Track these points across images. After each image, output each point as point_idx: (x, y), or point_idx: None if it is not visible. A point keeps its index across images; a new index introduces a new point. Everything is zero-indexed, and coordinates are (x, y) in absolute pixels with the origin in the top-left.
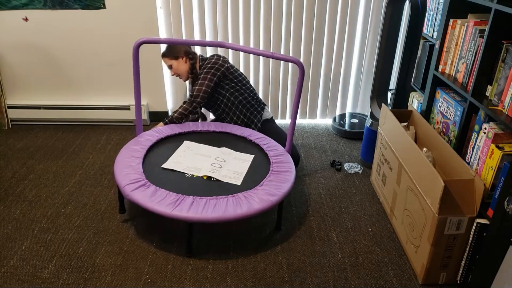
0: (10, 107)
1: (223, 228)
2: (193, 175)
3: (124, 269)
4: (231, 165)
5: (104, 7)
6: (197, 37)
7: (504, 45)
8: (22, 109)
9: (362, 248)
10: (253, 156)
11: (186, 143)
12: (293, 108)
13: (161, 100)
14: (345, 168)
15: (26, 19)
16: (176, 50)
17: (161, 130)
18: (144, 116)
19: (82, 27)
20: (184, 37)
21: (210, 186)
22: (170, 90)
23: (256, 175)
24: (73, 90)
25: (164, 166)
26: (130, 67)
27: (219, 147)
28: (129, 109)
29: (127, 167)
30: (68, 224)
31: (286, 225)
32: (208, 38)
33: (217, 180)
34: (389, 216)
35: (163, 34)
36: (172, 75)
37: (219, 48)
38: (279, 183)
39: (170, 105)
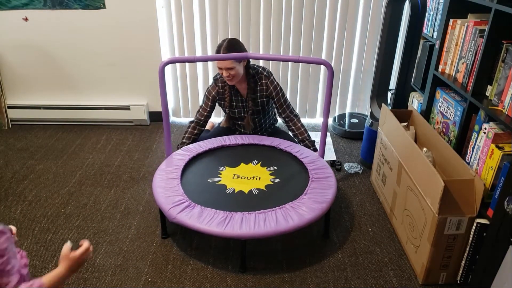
0: (10, 107)
1: None
2: (234, 190)
3: (124, 269)
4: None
5: (104, 7)
6: (197, 36)
7: (504, 45)
8: (22, 109)
9: (362, 248)
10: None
11: None
12: (324, 110)
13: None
14: (345, 168)
15: (26, 19)
16: (242, 50)
17: (191, 148)
18: (144, 116)
19: (82, 27)
20: (184, 37)
21: (252, 200)
22: (170, 90)
23: (297, 184)
24: (73, 90)
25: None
26: (129, 67)
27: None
28: (129, 109)
29: (167, 189)
30: (68, 224)
31: None
32: (209, 37)
33: (260, 191)
34: (389, 216)
35: (163, 34)
36: (226, 75)
37: None
38: (323, 189)
39: (171, 105)
